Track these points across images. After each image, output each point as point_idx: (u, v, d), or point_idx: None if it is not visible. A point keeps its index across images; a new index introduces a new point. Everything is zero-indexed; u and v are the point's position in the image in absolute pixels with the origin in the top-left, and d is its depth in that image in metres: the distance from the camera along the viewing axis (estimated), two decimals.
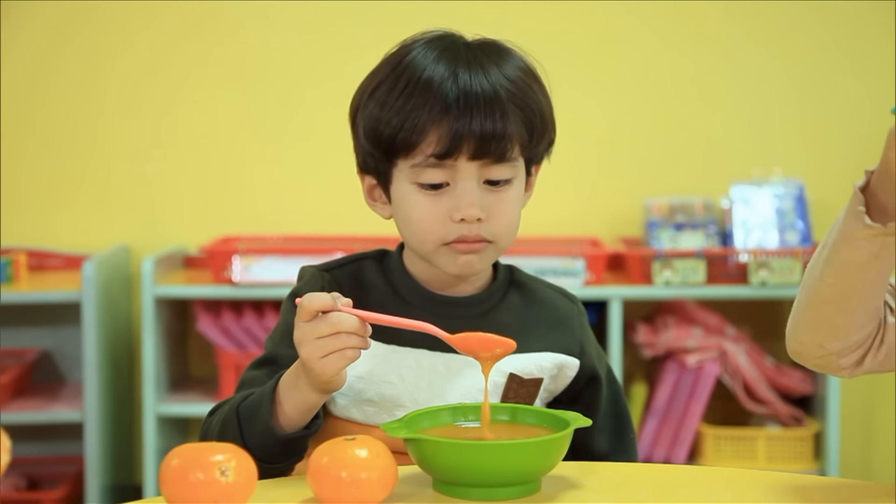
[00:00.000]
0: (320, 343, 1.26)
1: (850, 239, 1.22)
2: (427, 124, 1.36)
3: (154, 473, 3.03)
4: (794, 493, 1.26)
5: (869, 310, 1.26)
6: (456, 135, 1.35)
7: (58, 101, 3.37)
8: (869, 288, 1.24)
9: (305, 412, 1.33)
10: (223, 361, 3.10)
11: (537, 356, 1.45)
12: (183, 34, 3.37)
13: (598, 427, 1.49)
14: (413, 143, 1.37)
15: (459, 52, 1.40)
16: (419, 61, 1.39)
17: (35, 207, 3.38)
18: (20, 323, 3.34)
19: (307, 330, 1.27)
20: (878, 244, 1.21)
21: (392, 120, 1.37)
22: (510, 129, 1.37)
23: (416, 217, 1.40)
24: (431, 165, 1.37)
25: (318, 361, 1.26)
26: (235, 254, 3.04)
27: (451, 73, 1.37)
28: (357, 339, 1.27)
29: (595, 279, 3.06)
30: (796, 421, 3.16)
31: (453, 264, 1.41)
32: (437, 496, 1.22)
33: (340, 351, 1.26)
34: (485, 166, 1.38)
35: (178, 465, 1.09)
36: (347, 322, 1.26)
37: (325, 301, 1.26)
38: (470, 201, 1.37)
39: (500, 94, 1.37)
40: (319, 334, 1.26)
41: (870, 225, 1.20)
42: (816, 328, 1.28)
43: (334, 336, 1.26)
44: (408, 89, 1.37)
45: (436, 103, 1.36)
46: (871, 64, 3.35)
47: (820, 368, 1.31)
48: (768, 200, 3.20)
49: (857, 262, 1.22)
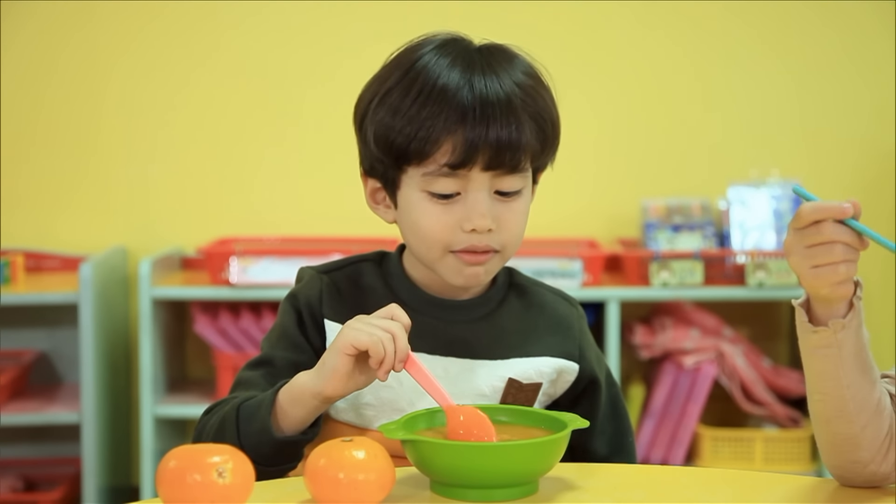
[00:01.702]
0: (368, 323, 1.28)
1: (810, 351, 1.23)
2: (442, 134, 1.34)
3: (151, 475, 3.02)
4: (792, 495, 1.26)
5: (869, 408, 1.23)
6: (471, 145, 1.33)
7: (55, 103, 3.37)
8: (855, 389, 1.22)
9: (298, 404, 1.31)
10: (220, 363, 3.10)
11: (536, 361, 1.45)
12: (181, 35, 3.37)
13: (598, 430, 1.48)
14: (426, 153, 1.35)
15: (473, 59, 1.37)
16: (432, 67, 1.36)
17: (32, 209, 3.38)
18: (17, 324, 3.33)
19: (372, 315, 1.30)
20: (834, 344, 1.21)
21: (405, 128, 1.35)
22: (524, 138, 1.36)
23: (425, 224, 1.38)
24: (444, 175, 1.35)
25: (349, 329, 1.28)
26: (233, 255, 3.04)
27: (467, 82, 1.35)
28: (392, 347, 1.27)
29: (592, 280, 3.06)
30: (793, 422, 3.16)
31: (458, 275, 1.39)
32: (434, 497, 1.21)
33: (373, 335, 1.27)
34: (497, 177, 1.36)
35: (176, 467, 1.09)
36: (401, 335, 1.28)
37: (404, 320, 1.30)
38: (481, 212, 1.36)
39: (515, 103, 1.35)
40: (375, 321, 1.28)
41: (816, 330, 1.20)
42: (837, 449, 1.25)
43: (384, 330, 1.27)
44: (422, 97, 1.35)
45: (452, 112, 1.34)
46: (870, 64, 3.36)
47: (874, 483, 1.27)
48: (765, 202, 3.20)
49: (828, 370, 1.22)
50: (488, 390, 1.42)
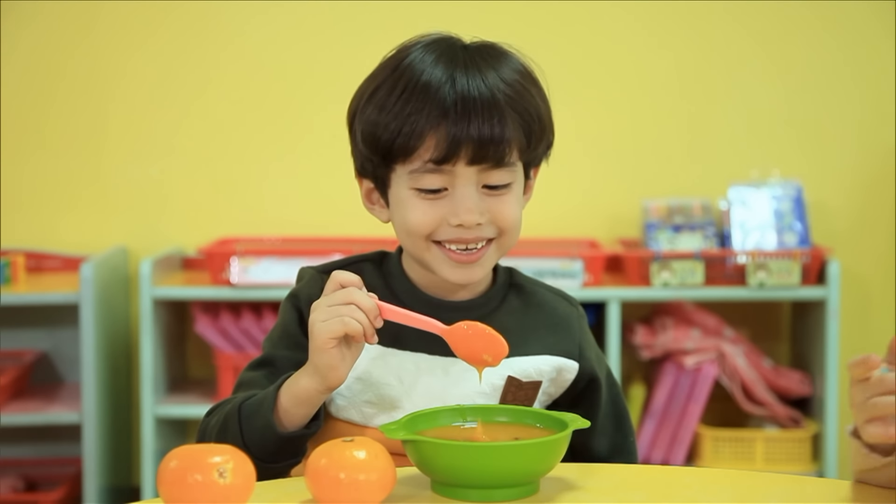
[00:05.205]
0: (329, 308, 1.30)
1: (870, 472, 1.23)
2: (425, 129, 1.35)
3: (152, 475, 3.02)
4: (793, 495, 1.26)
5: None
6: (454, 140, 1.35)
7: (56, 103, 3.37)
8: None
9: (304, 405, 1.33)
10: (221, 363, 3.10)
11: (536, 359, 1.45)
12: (182, 37, 3.37)
13: (598, 430, 1.49)
14: (411, 148, 1.36)
15: (457, 56, 1.39)
16: (417, 65, 1.38)
17: (33, 209, 3.38)
18: (18, 324, 3.34)
19: (325, 298, 1.31)
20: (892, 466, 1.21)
21: (390, 124, 1.37)
22: (508, 133, 1.37)
23: (411, 219, 1.39)
24: (430, 171, 1.37)
25: (319, 324, 1.29)
26: (233, 255, 3.04)
27: (449, 77, 1.36)
28: (363, 316, 1.29)
29: (593, 281, 3.06)
30: (794, 422, 3.16)
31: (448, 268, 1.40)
32: (435, 497, 1.21)
33: (341, 316, 1.29)
34: (483, 171, 1.37)
35: (177, 467, 1.09)
36: (362, 298, 1.30)
37: (352, 278, 1.31)
38: (468, 207, 1.37)
39: (498, 98, 1.36)
40: (333, 301, 1.30)
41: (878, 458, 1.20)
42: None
43: (344, 305, 1.29)
44: (406, 93, 1.36)
45: (434, 108, 1.35)
46: (870, 65, 3.36)
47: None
48: (766, 202, 3.20)
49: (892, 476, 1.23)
50: (488, 388, 1.42)
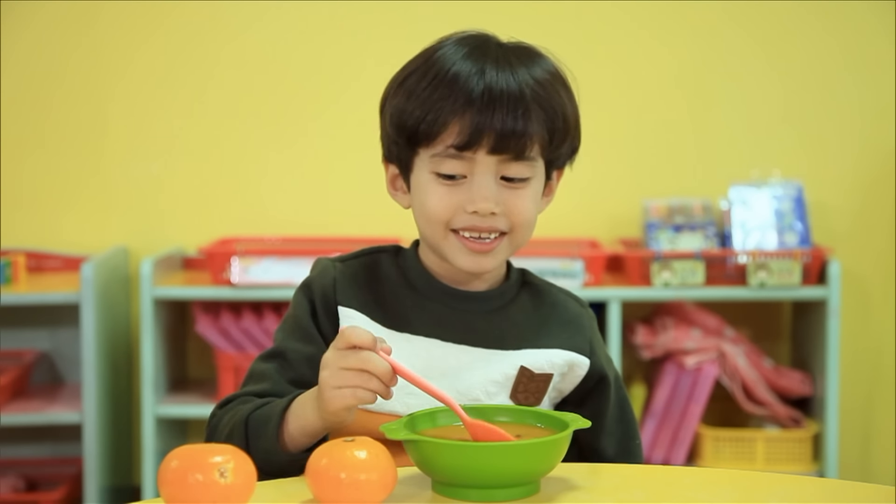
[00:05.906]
0: (342, 374, 1.25)
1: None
2: (450, 116, 1.38)
3: (153, 475, 3.03)
4: (793, 495, 1.26)
5: None
6: (477, 128, 1.37)
7: (57, 103, 3.37)
8: None
9: (309, 437, 1.33)
10: (222, 363, 3.10)
11: (549, 352, 1.47)
12: (183, 37, 3.37)
13: (606, 430, 1.50)
14: (435, 133, 1.39)
15: (490, 51, 1.42)
16: (449, 56, 1.42)
17: (34, 209, 3.38)
18: (19, 324, 3.34)
19: (337, 357, 1.26)
20: None
21: (416, 110, 1.40)
22: (531, 128, 1.40)
23: (429, 203, 1.41)
24: (451, 156, 1.39)
25: (331, 390, 1.26)
26: (234, 255, 3.04)
27: (479, 70, 1.39)
28: (378, 384, 1.25)
29: (594, 280, 3.06)
30: (795, 422, 3.16)
31: (464, 256, 1.41)
32: (435, 497, 1.21)
33: (355, 388, 1.25)
34: (503, 162, 1.40)
35: (177, 467, 1.09)
36: (377, 364, 1.25)
37: (365, 338, 1.25)
38: (485, 195, 1.39)
39: (525, 92, 1.40)
40: (346, 365, 1.25)
41: None
42: None
43: (358, 372, 1.25)
44: (435, 81, 1.40)
45: (460, 96, 1.38)
46: (870, 65, 3.36)
47: None
48: (767, 202, 3.20)
49: None
50: (501, 377, 1.44)
